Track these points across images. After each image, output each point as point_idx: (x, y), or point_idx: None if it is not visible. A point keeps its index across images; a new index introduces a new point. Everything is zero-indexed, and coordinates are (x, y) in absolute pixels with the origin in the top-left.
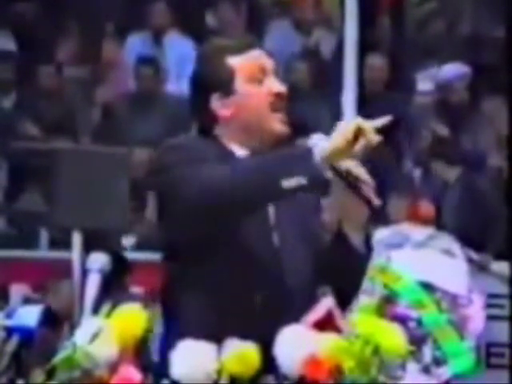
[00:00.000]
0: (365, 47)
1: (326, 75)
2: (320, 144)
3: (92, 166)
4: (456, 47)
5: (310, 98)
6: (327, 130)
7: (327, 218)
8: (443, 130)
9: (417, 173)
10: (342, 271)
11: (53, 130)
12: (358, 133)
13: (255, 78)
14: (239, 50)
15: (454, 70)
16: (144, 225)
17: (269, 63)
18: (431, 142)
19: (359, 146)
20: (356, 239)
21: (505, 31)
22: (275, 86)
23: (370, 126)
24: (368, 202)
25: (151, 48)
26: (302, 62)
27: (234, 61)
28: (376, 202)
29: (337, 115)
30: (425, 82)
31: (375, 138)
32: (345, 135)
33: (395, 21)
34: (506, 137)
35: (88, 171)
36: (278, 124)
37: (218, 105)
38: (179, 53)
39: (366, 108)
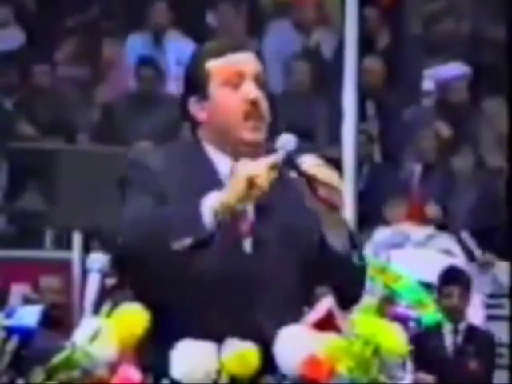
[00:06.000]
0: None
1: (326, 75)
2: (211, 201)
3: (92, 166)
4: (456, 47)
5: (310, 98)
6: (327, 130)
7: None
8: (446, 130)
9: (417, 169)
10: (325, 270)
11: (49, 130)
12: (251, 181)
13: (230, 83)
14: (221, 52)
15: (453, 70)
16: None
17: (250, 68)
18: (434, 142)
19: (254, 194)
20: (334, 239)
21: (505, 31)
22: (251, 92)
23: (263, 169)
24: (331, 204)
25: (151, 48)
26: (302, 62)
27: (211, 64)
28: (338, 204)
29: (337, 115)
30: (429, 81)
31: (267, 180)
32: (237, 192)
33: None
34: (506, 137)
35: (88, 171)
36: (248, 132)
37: (196, 107)
38: (179, 53)
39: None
